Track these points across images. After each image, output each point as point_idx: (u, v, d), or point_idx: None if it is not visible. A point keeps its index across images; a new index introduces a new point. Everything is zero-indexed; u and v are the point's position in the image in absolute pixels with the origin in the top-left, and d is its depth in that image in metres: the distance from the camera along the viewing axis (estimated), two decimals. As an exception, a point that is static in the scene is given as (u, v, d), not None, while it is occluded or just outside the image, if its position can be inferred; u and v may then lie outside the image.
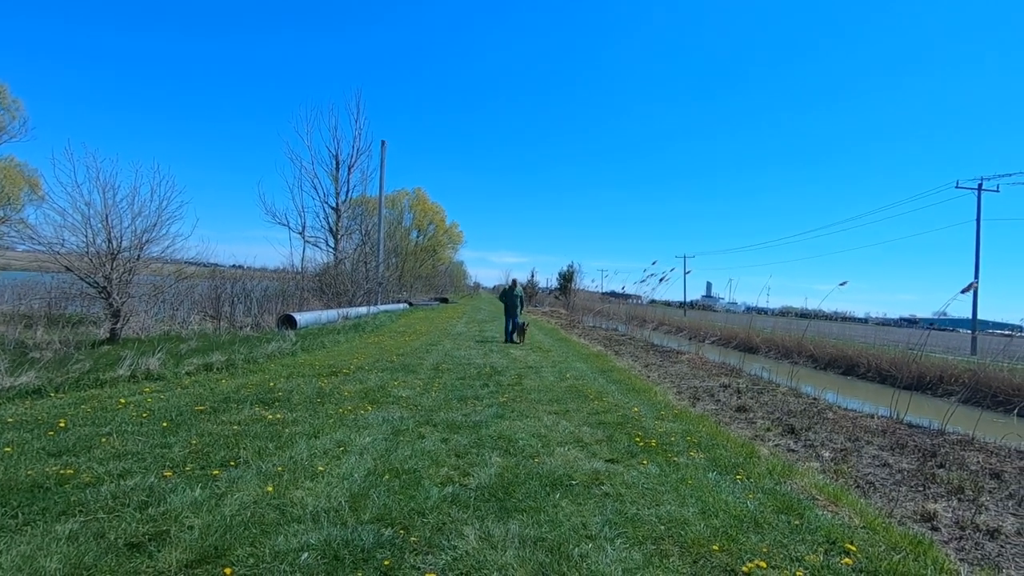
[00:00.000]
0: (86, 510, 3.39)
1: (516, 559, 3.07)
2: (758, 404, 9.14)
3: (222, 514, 3.43)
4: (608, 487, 4.32)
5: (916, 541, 3.66)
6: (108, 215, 12.15)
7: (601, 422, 6.47)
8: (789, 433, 7.19)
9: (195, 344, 11.05)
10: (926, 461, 6.13)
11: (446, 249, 60.95)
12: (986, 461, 6.29)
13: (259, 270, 23.30)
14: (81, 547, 2.92)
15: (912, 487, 5.28)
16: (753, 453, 5.55)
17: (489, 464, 4.70)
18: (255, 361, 9.71)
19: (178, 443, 4.82)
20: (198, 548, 2.99)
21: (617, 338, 22.41)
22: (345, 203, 25.96)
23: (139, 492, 3.70)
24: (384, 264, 29.68)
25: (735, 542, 3.43)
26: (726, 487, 4.44)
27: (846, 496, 4.55)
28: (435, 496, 3.93)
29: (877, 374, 15.82)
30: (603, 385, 9.18)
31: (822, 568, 3.16)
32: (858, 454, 6.35)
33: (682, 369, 13.41)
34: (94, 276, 11.93)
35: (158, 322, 14.54)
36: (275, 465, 4.37)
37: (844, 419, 8.34)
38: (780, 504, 4.11)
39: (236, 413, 5.98)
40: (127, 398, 6.46)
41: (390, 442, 5.21)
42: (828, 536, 3.59)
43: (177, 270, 15.28)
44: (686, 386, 10.70)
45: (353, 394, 7.28)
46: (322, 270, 24.43)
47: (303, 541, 3.15)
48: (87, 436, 4.88)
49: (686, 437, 6.00)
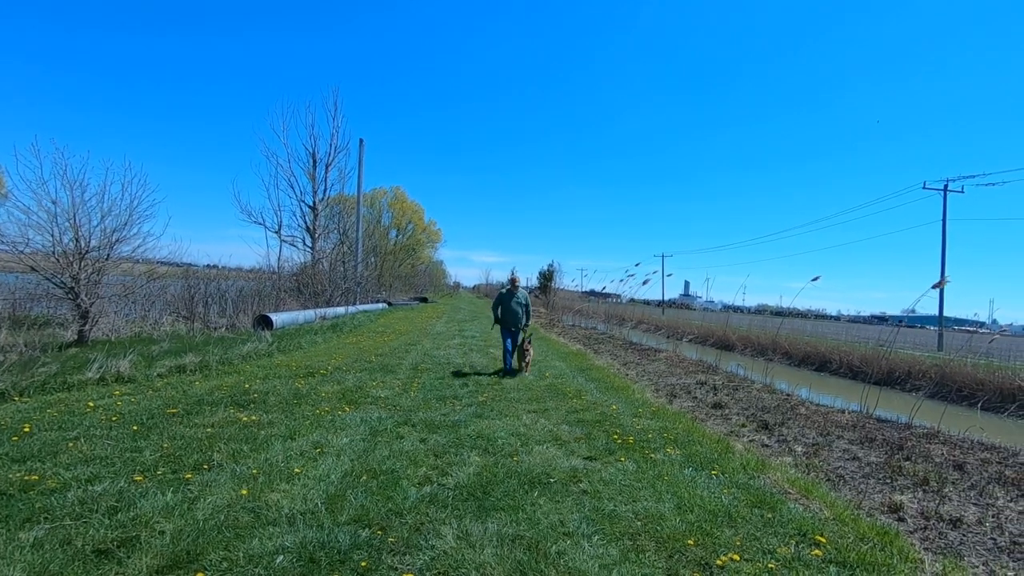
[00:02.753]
0: (52, 516, 3.30)
1: (494, 557, 3.08)
2: (733, 401, 9.29)
3: (195, 518, 3.37)
4: (586, 484, 4.36)
5: (883, 532, 3.77)
6: (76, 213, 11.79)
7: (580, 420, 6.51)
8: (763, 429, 7.33)
9: (168, 346, 10.80)
10: (893, 454, 6.31)
11: (425, 248, 60.58)
12: (950, 453, 6.50)
13: (234, 270, 22.87)
14: (46, 555, 2.84)
15: (880, 479, 5.42)
16: (728, 449, 5.65)
17: (468, 463, 4.70)
18: (230, 362, 9.54)
19: (149, 447, 4.72)
20: (169, 553, 2.93)
21: (596, 337, 22.56)
22: (323, 202, 25.62)
23: (108, 497, 3.61)
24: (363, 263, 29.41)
25: (710, 536, 3.49)
26: (701, 482, 4.51)
27: (817, 489, 4.66)
28: (413, 496, 3.92)
29: (849, 370, 16.21)
30: (582, 383, 9.24)
31: (793, 560, 3.23)
32: (829, 448, 6.50)
33: (660, 367, 13.57)
34: (61, 276, 11.57)
35: (129, 323, 14.16)
36: (250, 468, 4.31)
37: (816, 414, 8.53)
38: (754, 498, 4.19)
39: (210, 415, 5.87)
40: (96, 401, 6.29)
41: (368, 443, 5.18)
42: (799, 528, 3.68)
43: (149, 270, 14.92)
44: (664, 384, 10.83)
45: (331, 395, 7.20)
46: (299, 270, 24.08)
47: (278, 544, 3.11)
48: (53, 441, 4.74)
49: (663, 434, 6.07)
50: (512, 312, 9.94)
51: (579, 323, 30.96)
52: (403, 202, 53.90)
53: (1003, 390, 11.91)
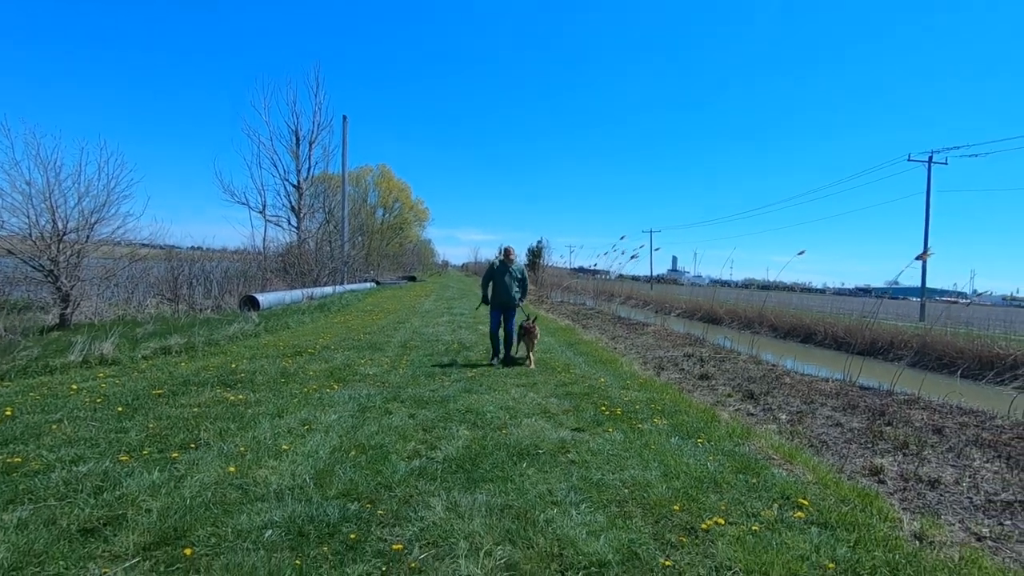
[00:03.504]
0: (36, 497, 3.27)
1: (483, 527, 3.11)
2: (720, 372, 9.41)
3: (182, 496, 3.36)
4: (574, 455, 4.40)
5: (864, 494, 3.86)
6: (52, 194, 11.52)
7: (568, 393, 6.56)
8: (749, 398, 7.44)
9: (152, 328, 10.67)
10: (875, 420, 6.44)
11: (412, 227, 60.11)
12: (929, 418, 6.65)
13: (219, 251, 22.55)
14: (31, 534, 2.82)
15: (861, 444, 5.54)
16: (714, 418, 5.72)
17: (456, 437, 4.72)
18: (216, 343, 9.46)
19: (135, 427, 4.68)
20: (157, 530, 2.92)
21: (585, 312, 22.67)
22: (307, 180, 25.23)
23: (93, 477, 3.58)
24: (349, 243, 29.15)
25: (695, 501, 3.55)
26: (688, 451, 4.58)
27: (800, 455, 4.75)
28: (402, 470, 3.93)
29: (833, 341, 16.47)
30: (570, 357, 9.29)
31: (776, 522, 3.30)
32: (813, 416, 6.62)
33: (648, 340, 13.68)
34: (39, 259, 11.35)
35: (112, 306, 13.97)
36: (237, 445, 4.29)
37: (801, 384, 8.67)
38: (739, 465, 4.26)
39: (196, 396, 5.83)
40: (79, 384, 6.21)
41: (356, 419, 5.18)
42: (783, 492, 3.75)
43: (130, 252, 14.67)
44: (651, 356, 10.93)
45: (319, 373, 7.18)
46: (285, 250, 23.82)
47: (267, 519, 3.11)
48: (36, 424, 4.68)
49: (650, 405, 6.14)
50: (505, 288, 8.52)
51: (568, 299, 31.06)
52: (389, 180, 53.27)
53: (982, 358, 12.18)
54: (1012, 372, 11.07)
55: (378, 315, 15.57)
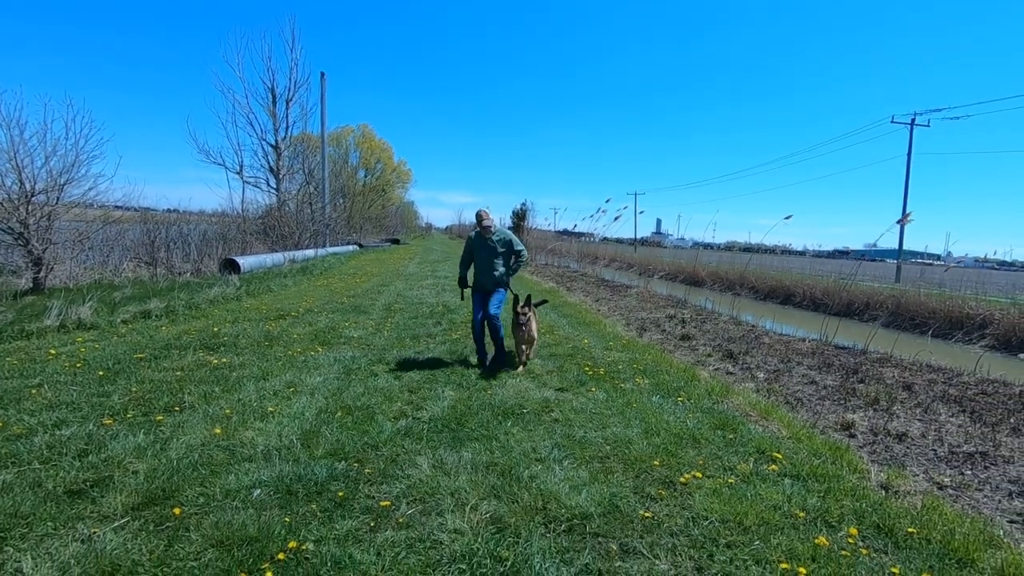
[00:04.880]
0: (19, 461, 3.26)
1: (469, 483, 3.19)
2: (701, 332, 9.58)
3: (168, 458, 3.37)
4: (557, 413, 4.49)
5: (835, 447, 4.02)
6: (16, 153, 11.04)
7: (552, 354, 6.64)
8: (728, 358, 7.61)
9: (130, 292, 10.47)
10: (848, 378, 6.66)
11: (395, 189, 59.02)
12: (900, 376, 6.89)
13: (196, 213, 21.97)
14: (16, 497, 2.83)
15: (835, 401, 5.74)
16: (694, 377, 5.86)
17: (442, 397, 4.78)
18: (197, 307, 9.34)
19: (117, 391, 4.65)
20: (144, 491, 2.95)
21: (569, 275, 22.76)
22: (285, 140, 24.53)
23: (77, 441, 3.57)
24: (330, 205, 28.64)
25: (674, 457, 3.67)
26: (668, 409, 4.70)
27: (776, 411, 4.91)
28: (388, 430, 3.98)
29: (811, 302, 16.79)
30: (555, 320, 9.37)
31: (751, 475, 3.43)
32: (789, 374, 6.81)
33: (631, 302, 13.83)
34: (7, 222, 10.96)
35: (87, 270, 13.65)
36: (223, 408, 4.30)
37: (779, 344, 8.88)
38: (717, 421, 4.39)
39: (179, 359, 5.79)
40: (57, 349, 6.12)
41: (342, 381, 5.20)
42: (758, 447, 3.89)
43: (103, 214, 14.22)
44: (634, 318, 11.07)
45: (303, 336, 7.16)
46: (265, 212, 23.32)
47: (255, 479, 3.15)
48: (15, 388, 4.63)
49: (632, 365, 6.25)
50: (485, 265, 6.04)
51: (552, 262, 31.09)
52: (371, 141, 51.96)
53: (952, 318, 12.54)
54: (980, 331, 11.44)
55: (361, 278, 15.46)
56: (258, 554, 2.45)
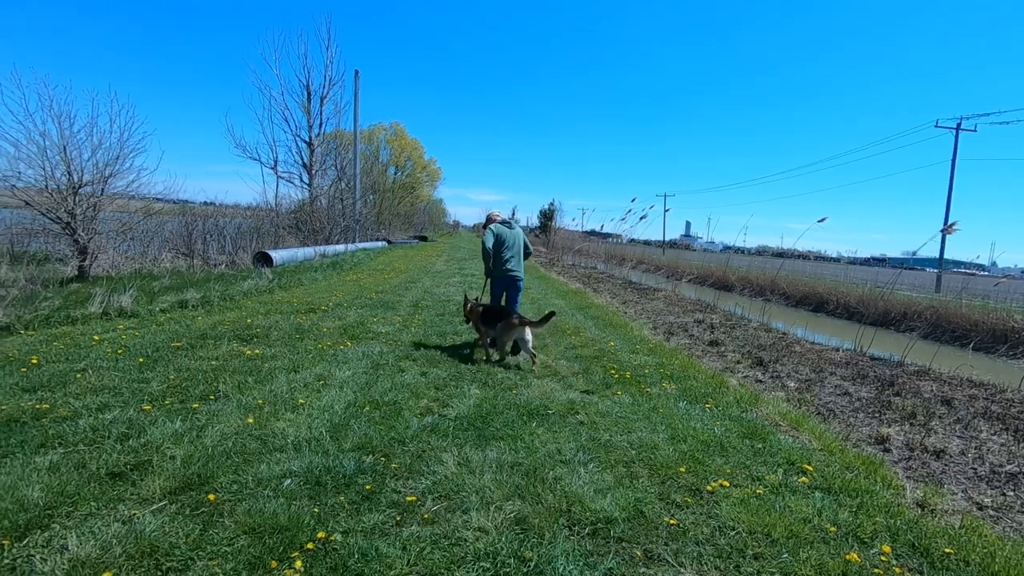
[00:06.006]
0: (65, 442, 3.41)
1: (493, 482, 3.21)
2: (730, 339, 9.43)
3: (203, 445, 3.48)
4: (583, 416, 4.48)
5: (868, 461, 3.91)
6: (66, 146, 11.51)
7: (578, 356, 6.62)
8: (758, 365, 7.47)
9: (168, 282, 10.83)
10: (884, 390, 6.47)
11: (424, 186, 59.57)
12: (939, 390, 6.66)
13: (231, 207, 22.60)
14: (63, 477, 2.96)
15: (869, 413, 5.58)
16: (722, 384, 5.77)
17: (468, 396, 4.81)
18: (231, 298, 9.60)
19: (156, 378, 4.81)
20: (181, 476, 3.05)
21: (596, 276, 22.63)
22: (319, 137, 24.94)
23: (118, 425, 3.72)
24: (361, 201, 29.02)
25: (701, 464, 3.62)
26: (695, 415, 4.64)
27: (807, 422, 4.80)
28: (415, 426, 4.03)
29: (845, 311, 16.36)
30: (580, 321, 9.33)
31: (780, 486, 3.37)
32: (821, 384, 6.65)
33: (658, 306, 13.68)
34: (56, 212, 11.44)
35: (128, 259, 14.15)
36: (255, 398, 4.41)
37: (811, 352, 8.68)
38: (745, 430, 4.32)
39: (214, 349, 5.96)
40: (100, 335, 6.37)
41: (370, 376, 5.28)
42: (788, 458, 3.81)
43: (145, 206, 14.72)
44: (661, 322, 10.95)
45: (332, 330, 7.29)
46: (297, 207, 23.80)
47: (285, 468, 3.23)
48: (61, 372, 4.83)
49: (659, 369, 6.19)
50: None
51: (579, 263, 30.97)
52: (402, 139, 52.52)
53: (996, 331, 12.06)
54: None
55: (390, 274, 15.65)
56: (288, 543, 2.51)
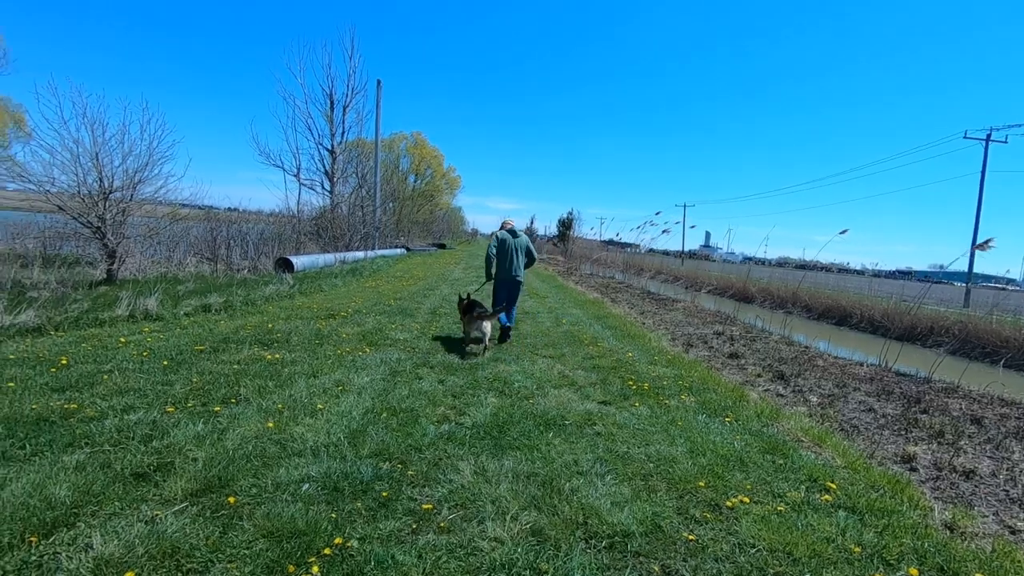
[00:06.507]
0: (92, 442, 3.49)
1: (510, 492, 3.19)
2: (750, 351, 9.28)
3: (224, 448, 3.53)
4: (600, 427, 4.44)
5: (894, 480, 3.81)
6: (98, 153, 11.84)
7: (595, 366, 6.58)
8: (779, 379, 7.34)
9: (192, 286, 11.05)
10: (910, 407, 6.30)
11: (444, 194, 60.05)
12: (968, 408, 6.46)
13: (254, 213, 22.99)
14: (89, 476, 3.02)
15: (895, 431, 5.44)
16: (743, 397, 5.68)
17: (485, 404, 4.81)
18: (253, 303, 9.75)
19: (179, 381, 4.90)
20: (202, 478, 3.09)
21: (614, 286, 22.51)
22: (340, 145, 25.34)
23: (143, 426, 3.79)
24: (381, 208, 29.35)
25: (721, 479, 3.56)
26: (715, 428, 4.57)
27: (830, 438, 4.70)
28: (432, 433, 4.04)
29: (870, 325, 16.01)
30: (598, 331, 9.28)
31: (802, 504, 3.30)
32: (845, 399, 6.51)
33: (677, 317, 13.55)
34: (87, 216, 11.77)
35: (154, 264, 14.48)
36: (275, 403, 4.47)
37: (834, 366, 8.51)
38: (766, 445, 4.24)
39: (235, 353, 6.06)
40: (127, 337, 6.51)
41: (388, 382, 5.31)
42: (810, 475, 3.73)
43: (171, 212, 15.08)
44: (680, 333, 10.83)
45: (351, 336, 7.35)
46: (318, 214, 24.14)
47: (304, 473, 3.26)
48: (89, 373, 4.95)
49: (678, 381, 6.12)
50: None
51: (597, 272, 30.84)
52: (423, 147, 53.09)
53: (1028, 347, 11.68)
54: (1060, 364, 10.62)
55: (408, 281, 15.76)
56: (306, 548, 2.53)
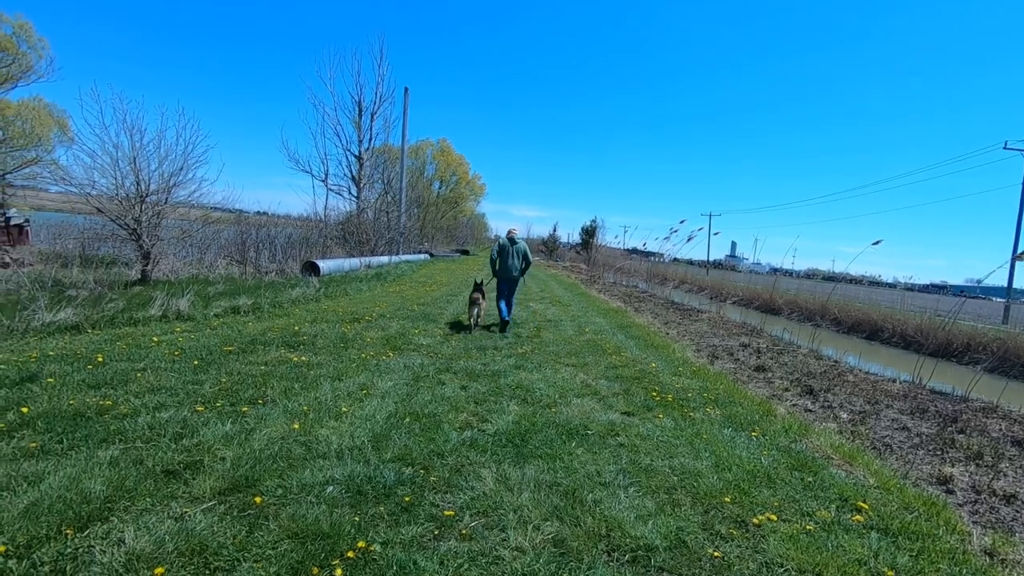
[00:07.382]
0: (125, 438, 3.58)
1: (531, 501, 3.18)
2: (777, 364, 9.10)
3: (251, 448, 3.59)
4: (623, 438, 4.39)
5: (930, 502, 3.68)
6: (136, 158, 12.27)
7: (618, 376, 6.52)
8: (807, 394, 7.17)
9: (222, 287, 11.32)
10: (946, 426, 6.09)
11: (468, 201, 60.45)
12: (1008, 429, 6.22)
13: (283, 217, 23.54)
14: (122, 472, 3.10)
15: (930, 451, 5.26)
16: (770, 412, 5.56)
17: (507, 412, 4.80)
18: (280, 305, 9.93)
19: (209, 380, 5.01)
20: (230, 478, 3.15)
21: (637, 295, 22.31)
22: (368, 151, 25.74)
23: (174, 424, 3.88)
24: (406, 214, 29.67)
25: (747, 495, 3.49)
26: (741, 443, 4.48)
27: (861, 457, 4.56)
28: (454, 440, 4.05)
29: (902, 340, 15.54)
30: (621, 340, 9.20)
31: (832, 524, 3.20)
32: (877, 417, 6.32)
33: (702, 328, 13.35)
34: (124, 218, 12.17)
35: (186, 265, 14.89)
36: (301, 405, 4.53)
37: (865, 382, 8.27)
38: (794, 461, 4.14)
39: (263, 354, 6.17)
40: (160, 336, 6.69)
41: (411, 387, 5.35)
42: (841, 494, 3.63)
43: (203, 215, 15.50)
44: (705, 344, 10.67)
45: (375, 340, 7.43)
46: (345, 219, 24.53)
47: (328, 475, 3.29)
48: (123, 371, 5.10)
49: (703, 394, 6.03)
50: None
51: (620, 281, 30.61)
52: (448, 154, 53.57)
53: (1073, 367, 11.20)
54: (1107, 386, 10.14)
55: (431, 287, 15.87)
56: (329, 550, 2.55)
